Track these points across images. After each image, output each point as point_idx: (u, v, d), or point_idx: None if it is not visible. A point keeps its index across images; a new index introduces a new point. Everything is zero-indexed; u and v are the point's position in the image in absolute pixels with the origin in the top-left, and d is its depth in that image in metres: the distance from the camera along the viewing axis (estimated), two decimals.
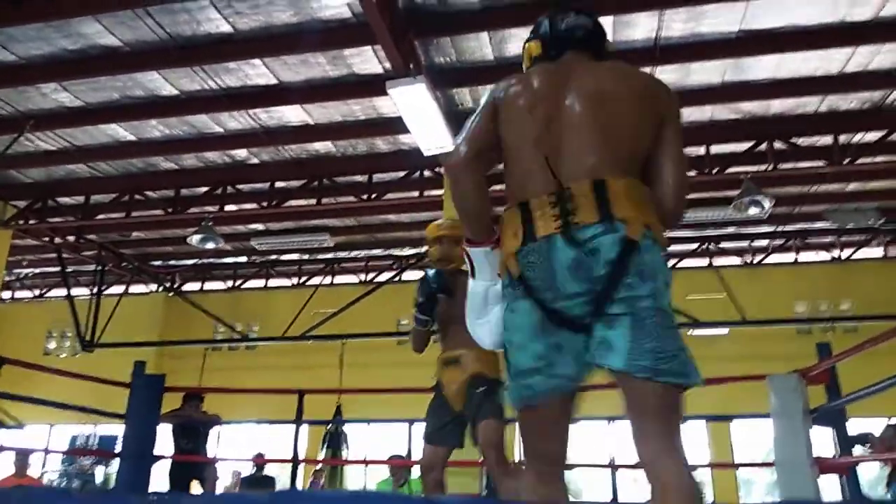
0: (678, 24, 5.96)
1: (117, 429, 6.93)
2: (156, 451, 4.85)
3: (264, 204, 8.88)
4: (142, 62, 6.49)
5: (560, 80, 1.67)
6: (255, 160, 8.67)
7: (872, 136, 7.52)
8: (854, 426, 4.45)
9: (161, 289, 13.47)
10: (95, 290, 11.46)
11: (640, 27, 6.02)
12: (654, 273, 1.50)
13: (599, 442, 10.90)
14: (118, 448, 5.03)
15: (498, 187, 1.99)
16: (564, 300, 1.51)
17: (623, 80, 1.69)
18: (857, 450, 5.22)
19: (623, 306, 1.48)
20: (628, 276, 1.47)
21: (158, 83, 6.92)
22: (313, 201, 8.89)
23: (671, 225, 1.67)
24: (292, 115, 7.48)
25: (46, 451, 11.55)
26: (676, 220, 1.69)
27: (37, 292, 14.44)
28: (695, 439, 11.12)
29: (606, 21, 5.92)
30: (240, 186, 8.98)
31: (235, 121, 7.61)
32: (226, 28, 6.07)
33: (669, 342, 1.48)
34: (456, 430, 3.26)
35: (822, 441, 4.15)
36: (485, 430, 3.13)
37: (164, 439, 5.97)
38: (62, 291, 11.62)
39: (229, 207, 9.17)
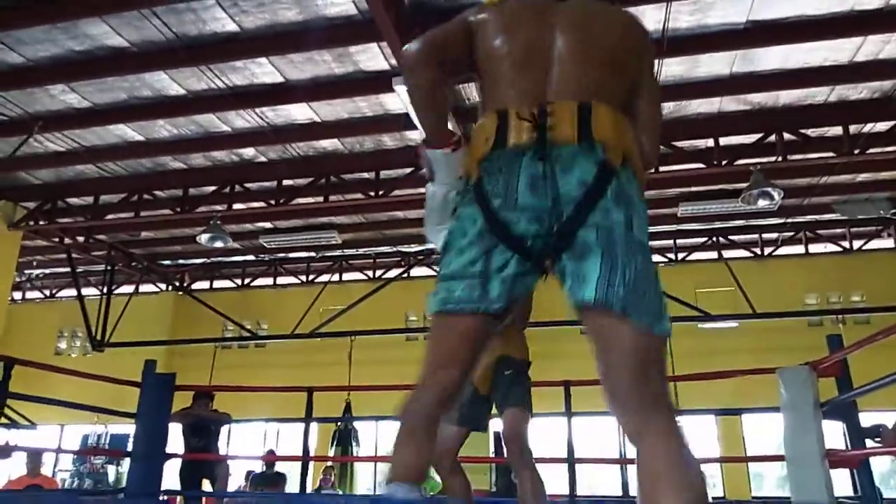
0: (685, 15, 5.93)
1: (128, 428, 6.97)
2: (167, 450, 4.88)
3: (272, 202, 8.90)
4: (148, 62, 6.51)
5: (542, 8, 1.62)
6: (262, 158, 8.69)
7: (883, 125, 7.45)
8: (866, 419, 4.42)
9: (170, 288, 13.54)
10: (105, 289, 11.54)
11: (646, 19, 5.96)
12: (631, 202, 1.41)
13: (609, 437, 10.89)
14: (129, 447, 5.06)
15: None
16: (512, 212, 1.42)
17: (607, 13, 1.65)
18: (869, 443, 5.18)
19: (594, 233, 1.38)
20: (604, 199, 1.39)
21: (165, 83, 6.94)
22: (321, 199, 8.91)
23: (646, 167, 1.61)
24: (299, 112, 7.49)
25: (58, 451, 11.65)
26: (652, 161, 1.65)
27: (47, 293, 14.54)
28: (705, 433, 11.10)
29: None
30: (248, 185, 9.00)
31: (242, 119, 7.62)
32: (232, 27, 6.08)
33: (644, 279, 1.38)
34: (480, 411, 3.13)
35: (834, 434, 4.13)
36: (510, 419, 3.03)
37: (175, 438, 6.01)
38: (72, 292, 11.70)
39: (237, 206, 9.19)
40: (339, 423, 10.35)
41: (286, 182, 8.94)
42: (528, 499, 2.95)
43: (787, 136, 7.52)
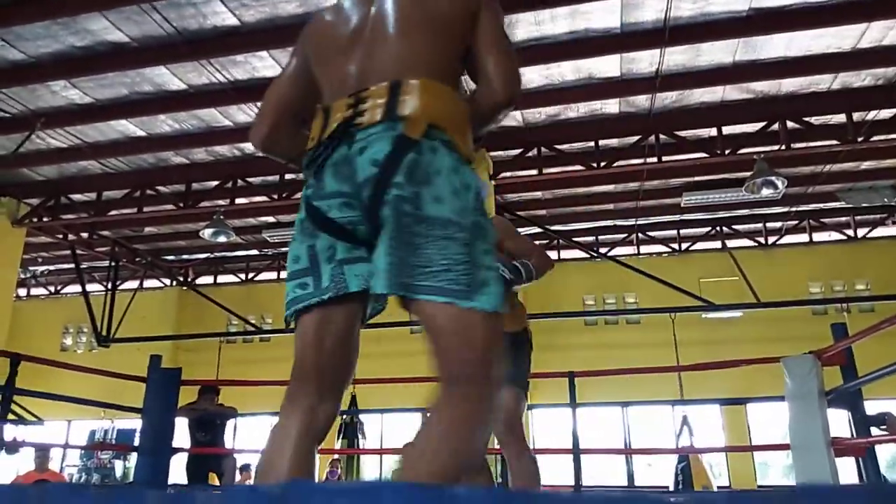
0: (687, 3, 5.89)
1: (135, 423, 7.01)
2: (173, 445, 4.90)
3: (275, 196, 8.90)
4: (149, 57, 6.50)
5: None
6: None
7: (886, 113, 7.42)
8: (871, 407, 4.42)
9: (175, 283, 13.57)
10: (110, 285, 11.56)
11: (648, 8, 5.95)
12: (428, 176, 1.34)
13: (613, 427, 10.91)
14: (136, 442, 5.08)
15: None
16: (323, 199, 1.43)
17: None
18: (875, 431, 5.18)
19: (388, 212, 1.34)
20: (396, 175, 1.34)
21: (166, 78, 6.94)
22: None
23: (499, 115, 1.57)
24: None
25: (66, 447, 11.72)
26: (506, 108, 1.57)
27: (52, 289, 14.58)
28: (710, 422, 11.12)
29: (614, 3, 5.87)
30: (250, 179, 9.00)
31: (244, 113, 7.62)
32: (232, 21, 6.07)
33: (438, 253, 1.30)
34: None
35: (839, 423, 4.12)
36: None
37: (181, 433, 6.03)
38: (77, 288, 11.74)
39: (240, 200, 9.20)
40: (344, 416, 10.39)
41: (288, 176, 8.94)
42: (518, 480, 2.81)
43: (790, 124, 7.49)
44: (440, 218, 1.32)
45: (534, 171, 8.20)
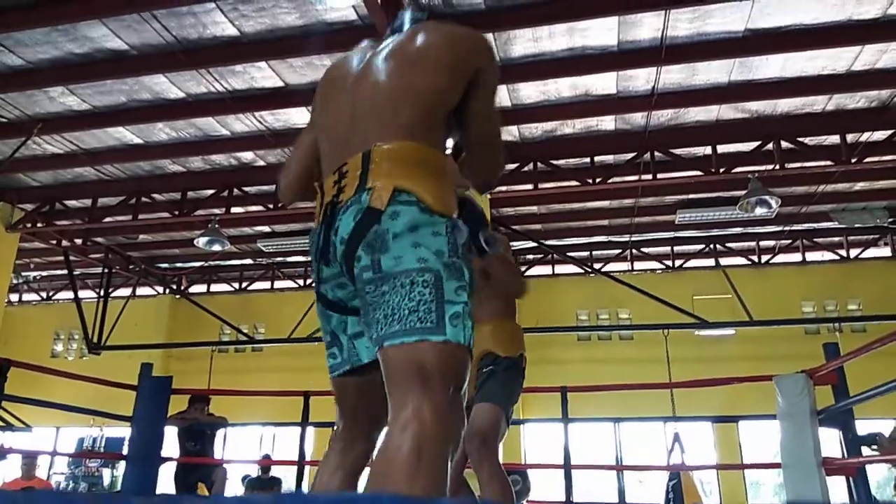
0: (684, 23, 5.95)
1: (124, 431, 6.95)
2: (162, 453, 4.87)
3: (270, 206, 8.90)
4: (148, 65, 6.51)
5: (364, 55, 1.66)
6: (261, 162, 8.69)
7: (880, 134, 7.48)
8: (862, 427, 4.43)
9: (168, 291, 13.52)
10: (102, 292, 11.51)
11: (645, 27, 6.01)
12: (385, 243, 1.37)
13: (605, 443, 10.88)
14: (125, 450, 5.05)
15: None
16: (321, 284, 1.52)
17: (413, 41, 1.58)
18: (866, 451, 5.19)
19: (358, 285, 1.41)
20: (357, 249, 1.39)
21: (165, 86, 6.95)
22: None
23: (482, 188, 1.69)
24: (298, 117, 7.50)
25: (53, 454, 11.60)
26: (486, 181, 1.69)
27: (44, 295, 14.50)
28: (702, 440, 11.09)
29: (612, 21, 5.92)
30: (246, 188, 9.00)
31: (242, 123, 7.63)
32: (232, 31, 6.09)
33: (404, 299, 1.34)
34: None
35: (830, 442, 4.13)
36: (476, 412, 2.70)
37: (171, 442, 5.99)
38: (69, 294, 11.67)
39: (235, 209, 9.19)
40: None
41: None
42: (489, 498, 2.63)
43: (784, 144, 7.55)
44: (403, 270, 1.35)
45: (529, 186, 8.23)
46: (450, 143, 1.67)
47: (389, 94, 1.52)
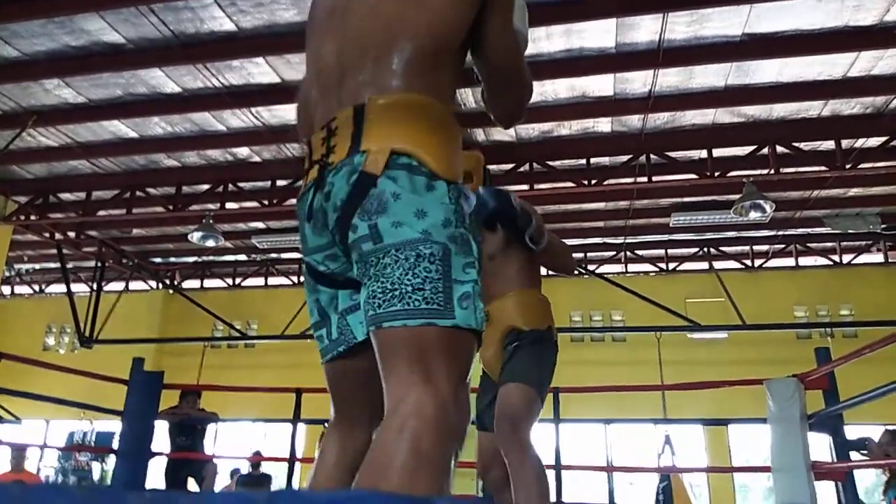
0: (681, 26, 5.96)
1: (115, 425, 6.93)
2: (153, 448, 4.86)
3: (265, 202, 8.88)
4: (145, 59, 6.49)
5: None
6: (257, 158, 8.68)
7: (874, 141, 7.51)
8: (851, 432, 4.45)
9: (161, 286, 13.48)
10: (95, 286, 11.47)
11: (643, 29, 6.02)
12: (383, 205, 1.21)
13: (595, 445, 10.90)
14: (115, 444, 5.04)
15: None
16: (310, 254, 1.37)
17: None
18: (856, 455, 5.21)
19: (355, 255, 1.25)
20: (353, 217, 1.23)
21: (161, 80, 6.93)
22: None
23: (506, 122, 1.51)
24: (294, 113, 7.47)
25: (43, 447, 11.56)
26: (508, 114, 1.49)
27: (36, 288, 14.45)
28: (692, 443, 11.13)
29: (609, 23, 5.93)
30: (241, 184, 8.98)
31: (238, 119, 7.61)
32: (229, 26, 6.08)
33: (407, 274, 1.18)
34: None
35: (820, 446, 4.15)
36: (503, 394, 2.43)
37: (161, 436, 5.98)
38: (62, 287, 11.63)
39: (230, 205, 9.17)
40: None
41: (280, 182, 8.93)
42: (522, 495, 2.31)
43: (780, 148, 7.57)
44: (404, 240, 1.20)
45: (525, 186, 8.24)
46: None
47: (381, 32, 1.32)
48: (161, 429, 5.77)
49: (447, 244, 1.22)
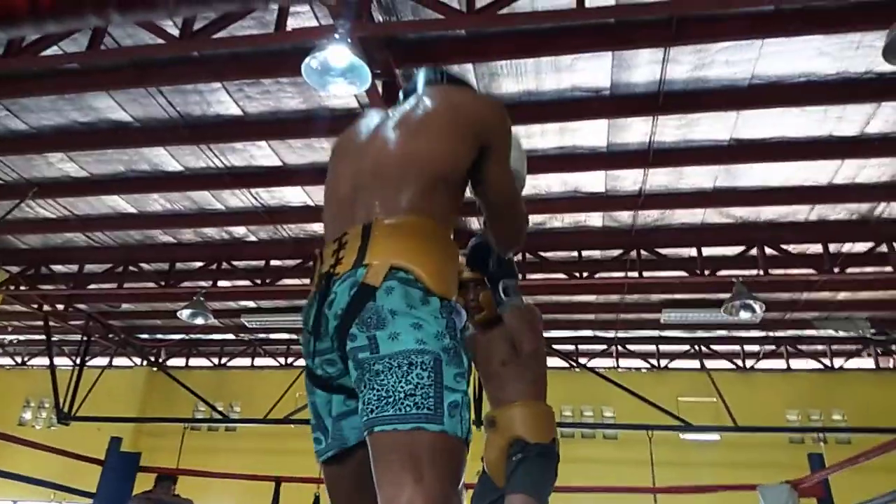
0: (671, 129, 6.18)
1: None
2: None
3: (258, 281, 8.88)
4: (150, 138, 6.63)
5: (376, 120, 1.64)
6: (252, 238, 8.74)
7: (861, 246, 7.65)
8: None
9: (145, 363, 13.26)
10: (79, 360, 11.27)
11: (634, 131, 6.23)
12: (381, 320, 1.30)
13: None
14: None
15: None
16: (310, 357, 1.45)
17: (418, 107, 1.57)
18: None
19: (351, 364, 1.32)
20: (352, 327, 1.32)
21: (164, 159, 7.07)
22: (307, 281, 8.88)
23: (504, 252, 1.69)
24: (293, 195, 7.60)
25: None
26: (506, 246, 1.66)
27: (18, 360, 14.18)
28: None
29: (601, 125, 6.15)
30: (235, 263, 9.00)
31: (237, 198, 7.72)
32: (235, 111, 6.26)
33: (400, 381, 1.25)
34: None
35: None
36: None
37: None
38: (45, 360, 11.42)
39: (222, 283, 9.16)
40: None
41: (274, 262, 8.96)
42: None
43: (768, 250, 7.69)
44: (400, 351, 1.28)
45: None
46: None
47: (393, 163, 1.48)
48: None
49: (439, 354, 1.29)
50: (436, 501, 1.18)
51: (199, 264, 9.08)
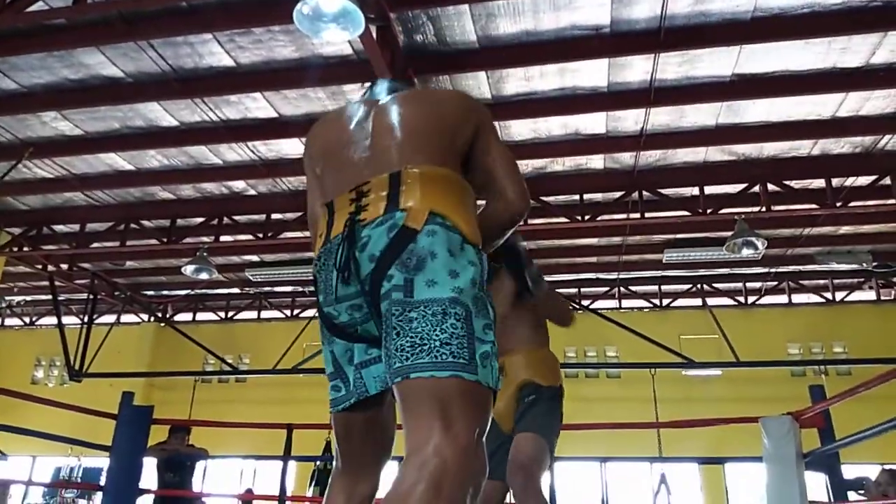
0: (673, 66, 6.06)
1: (102, 461, 6.82)
2: (141, 485, 4.77)
3: (260, 235, 8.89)
4: (143, 93, 6.55)
5: (367, 103, 1.68)
6: (252, 192, 8.71)
7: (864, 180, 7.60)
8: (847, 472, 4.41)
9: (152, 319, 13.39)
10: (86, 318, 11.39)
11: (635, 69, 6.12)
12: (421, 262, 1.32)
13: (591, 484, 10.76)
14: (102, 481, 4.94)
15: None
16: (331, 305, 1.44)
17: (427, 94, 1.73)
18: (853, 495, 5.16)
19: (385, 306, 1.33)
20: (391, 268, 1.33)
21: (159, 114, 6.98)
22: (308, 233, 8.89)
23: (512, 227, 1.64)
24: (290, 148, 7.54)
25: (28, 483, 11.33)
26: (521, 218, 1.63)
27: (27, 320, 14.33)
28: (688, 482, 10.99)
29: (602, 64, 6.04)
30: (236, 217, 8.99)
31: (234, 152, 7.66)
32: (228, 62, 6.15)
33: (435, 329, 1.27)
34: (507, 457, 2.55)
35: (816, 486, 4.11)
36: (518, 443, 2.52)
37: (150, 473, 5.87)
38: (53, 320, 11.54)
39: (224, 238, 9.17)
40: (318, 463, 10.17)
41: (275, 216, 8.95)
42: None
43: (771, 186, 7.65)
44: (435, 299, 1.30)
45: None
46: None
47: (418, 122, 1.55)
48: (149, 465, 5.67)
49: (470, 305, 1.32)
50: (464, 449, 1.21)
51: (200, 220, 9.08)
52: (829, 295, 11.51)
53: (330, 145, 1.64)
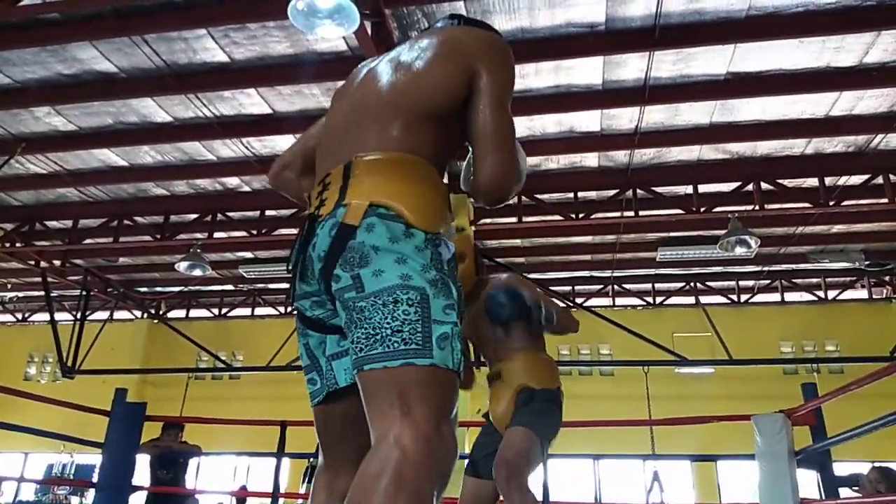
0: (667, 65, 6.08)
1: (95, 458, 6.80)
2: (134, 482, 4.76)
3: (254, 232, 8.87)
4: (137, 88, 6.52)
5: (367, 67, 1.60)
6: (246, 188, 8.68)
7: (857, 179, 7.64)
8: (839, 470, 4.43)
9: (146, 315, 13.35)
10: (79, 315, 11.35)
11: (630, 67, 6.13)
12: (364, 257, 1.28)
13: (584, 480, 10.79)
14: (95, 478, 4.93)
15: None
16: (299, 300, 1.45)
17: (413, 45, 1.52)
18: (848, 492, 5.18)
19: (339, 305, 1.32)
20: (336, 268, 1.31)
21: (152, 109, 6.95)
22: None
23: (491, 200, 1.45)
24: (285, 144, 7.51)
25: (20, 480, 11.30)
26: (492, 202, 1.46)
27: (20, 316, 14.26)
28: (681, 479, 11.04)
29: (597, 62, 6.04)
30: (230, 214, 8.97)
31: (228, 149, 7.64)
32: (222, 57, 6.13)
33: (381, 322, 1.24)
34: None
35: (808, 484, 4.13)
36: (506, 438, 2.53)
37: (142, 469, 5.86)
38: (45, 316, 11.49)
39: (218, 234, 9.14)
40: (311, 459, 10.16)
41: (269, 212, 8.93)
42: None
43: (764, 185, 7.67)
44: (384, 288, 1.26)
45: (513, 219, 8.29)
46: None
47: (378, 100, 1.45)
48: (142, 462, 5.66)
49: (426, 287, 1.28)
50: (425, 434, 1.18)
51: (194, 216, 9.05)
52: (821, 293, 11.56)
53: (327, 119, 1.60)
